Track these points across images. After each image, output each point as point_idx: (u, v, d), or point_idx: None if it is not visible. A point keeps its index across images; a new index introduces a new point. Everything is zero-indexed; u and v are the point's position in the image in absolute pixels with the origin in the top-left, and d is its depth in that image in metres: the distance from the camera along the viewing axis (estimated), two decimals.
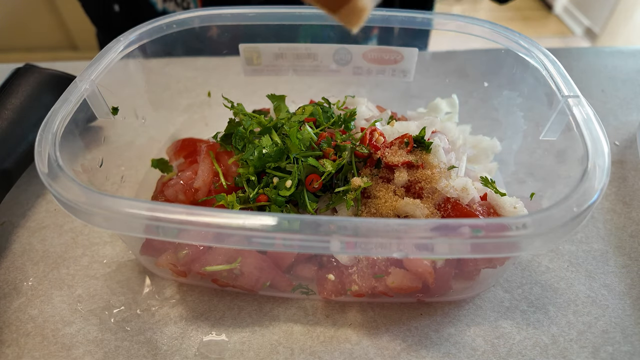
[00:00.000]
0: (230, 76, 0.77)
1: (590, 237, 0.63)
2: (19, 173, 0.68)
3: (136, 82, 0.69)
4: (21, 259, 0.62)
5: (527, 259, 0.61)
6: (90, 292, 0.58)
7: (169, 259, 0.53)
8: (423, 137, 0.55)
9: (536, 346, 0.52)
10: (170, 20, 0.66)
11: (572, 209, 0.38)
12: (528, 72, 0.60)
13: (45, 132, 0.47)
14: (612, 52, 1.01)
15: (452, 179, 0.52)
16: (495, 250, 0.39)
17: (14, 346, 0.52)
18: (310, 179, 0.51)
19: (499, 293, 0.57)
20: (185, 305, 0.57)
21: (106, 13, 1.15)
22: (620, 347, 0.51)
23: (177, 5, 1.10)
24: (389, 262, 0.51)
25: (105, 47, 0.60)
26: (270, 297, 0.57)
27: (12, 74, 0.72)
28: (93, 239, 0.64)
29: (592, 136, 0.45)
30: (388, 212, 0.50)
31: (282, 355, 0.52)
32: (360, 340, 0.53)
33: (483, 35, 0.64)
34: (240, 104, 0.63)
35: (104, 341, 0.53)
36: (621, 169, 0.73)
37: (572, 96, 0.51)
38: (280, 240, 0.39)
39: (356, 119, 0.62)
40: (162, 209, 0.40)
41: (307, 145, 0.54)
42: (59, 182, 0.42)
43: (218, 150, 0.59)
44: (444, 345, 0.52)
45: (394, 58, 0.70)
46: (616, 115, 0.84)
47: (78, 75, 0.55)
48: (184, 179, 0.57)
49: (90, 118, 0.57)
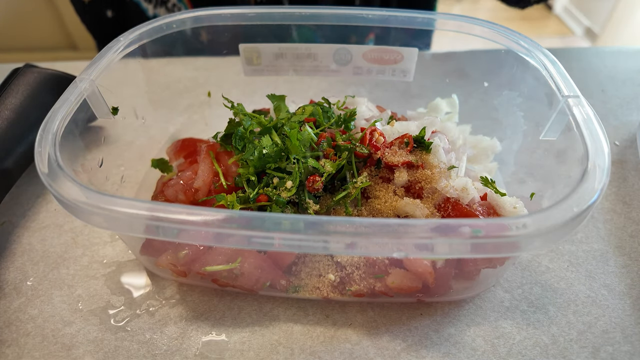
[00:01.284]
0: (230, 76, 0.77)
1: (590, 237, 0.63)
2: (19, 173, 0.68)
3: (136, 82, 0.69)
4: (21, 259, 0.62)
5: (527, 259, 0.61)
6: (90, 292, 0.58)
7: (169, 259, 0.53)
8: (423, 137, 0.55)
9: (536, 346, 0.52)
10: (170, 20, 0.66)
11: (572, 209, 0.38)
12: (528, 72, 0.60)
13: (45, 132, 0.47)
14: (612, 52, 1.01)
15: (452, 179, 0.52)
16: (495, 250, 0.39)
17: (14, 346, 0.52)
18: (311, 179, 0.51)
19: (499, 293, 0.57)
20: (185, 305, 0.57)
21: (100, 18, 1.15)
22: (620, 347, 0.51)
23: (168, 11, 1.11)
24: (389, 262, 0.51)
25: (105, 47, 0.60)
26: (270, 297, 0.57)
27: (12, 74, 0.72)
28: (93, 239, 0.64)
29: (592, 136, 0.45)
30: (388, 212, 0.50)
31: (282, 355, 0.52)
32: (360, 340, 0.53)
33: (483, 35, 0.64)
34: (240, 104, 0.63)
35: (104, 341, 0.53)
36: (621, 169, 0.73)
37: (572, 96, 0.51)
38: (280, 240, 0.39)
39: (356, 119, 0.62)
40: (162, 209, 0.40)
41: (307, 145, 0.54)
42: (59, 182, 0.42)
43: (218, 150, 0.59)
44: (444, 345, 0.52)
45: (394, 58, 0.70)
46: (616, 115, 0.84)
47: (78, 75, 0.55)
48: (184, 179, 0.57)
49: (90, 118, 0.57)
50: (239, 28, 0.69)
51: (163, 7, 1.10)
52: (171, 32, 0.66)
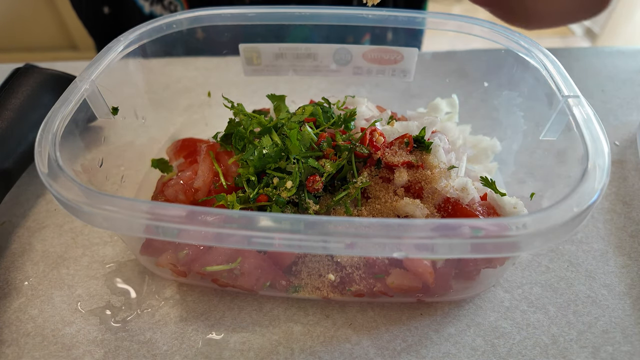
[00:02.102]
0: (230, 76, 0.77)
1: (590, 237, 0.63)
2: (19, 173, 0.68)
3: (136, 82, 0.69)
4: (21, 259, 0.62)
5: (527, 259, 0.61)
6: (90, 292, 0.58)
7: (169, 259, 0.53)
8: (423, 137, 0.55)
9: (536, 346, 0.52)
10: (170, 20, 0.66)
11: (572, 209, 0.38)
12: (528, 72, 0.60)
13: (45, 132, 0.47)
14: (612, 52, 1.01)
15: (452, 179, 0.52)
16: (495, 250, 0.39)
17: (14, 346, 0.52)
18: (311, 179, 0.51)
19: (499, 293, 0.57)
20: (185, 305, 0.57)
21: (96, 14, 1.15)
22: (620, 347, 0.51)
23: (164, 8, 1.11)
24: (389, 262, 0.51)
25: (105, 47, 0.60)
26: (270, 297, 0.57)
27: (12, 74, 0.72)
28: (93, 239, 0.64)
29: (592, 136, 0.45)
30: (388, 212, 0.50)
31: (282, 355, 0.52)
32: (360, 340, 0.53)
33: (483, 35, 0.64)
34: (240, 104, 0.63)
35: (104, 341, 0.53)
36: (621, 169, 0.73)
37: (572, 96, 0.51)
38: (280, 240, 0.39)
39: (356, 119, 0.62)
40: (162, 209, 0.40)
41: (307, 146, 0.54)
42: (59, 182, 0.42)
43: (218, 150, 0.59)
44: (444, 345, 0.52)
45: (394, 58, 0.70)
46: (616, 115, 0.84)
47: (78, 75, 0.55)
48: (184, 179, 0.57)
49: (90, 118, 0.57)
50: (239, 28, 0.69)
51: (159, 4, 1.10)
52: (171, 32, 0.66)
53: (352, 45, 0.70)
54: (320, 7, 0.67)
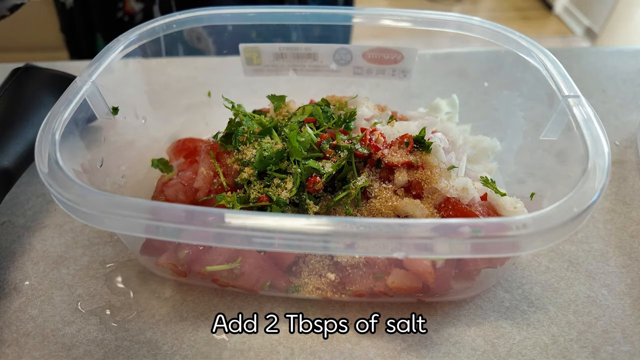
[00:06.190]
0: (230, 76, 0.77)
1: (590, 237, 0.63)
2: (19, 173, 0.68)
3: (136, 82, 0.69)
4: (21, 259, 0.62)
5: (527, 259, 0.61)
6: (90, 292, 0.58)
7: (169, 259, 0.53)
8: (423, 137, 0.55)
9: (536, 346, 0.52)
10: (170, 20, 0.66)
11: (572, 209, 0.38)
12: (528, 72, 0.60)
13: (45, 132, 0.47)
14: (612, 52, 1.01)
15: (452, 179, 0.52)
16: (495, 250, 0.39)
17: (14, 346, 0.52)
18: (311, 181, 0.51)
19: (499, 293, 0.57)
20: (185, 305, 0.57)
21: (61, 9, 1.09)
22: (620, 347, 0.51)
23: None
24: (389, 262, 0.51)
25: (105, 47, 0.60)
26: (270, 297, 0.57)
27: (12, 74, 0.72)
28: (93, 239, 0.64)
29: (592, 136, 0.45)
30: (388, 212, 0.50)
31: (282, 355, 0.52)
32: (360, 340, 0.53)
33: (483, 35, 0.64)
34: (240, 104, 0.63)
35: (104, 341, 0.53)
36: (621, 169, 0.73)
37: (572, 96, 0.51)
38: (280, 240, 0.39)
39: (356, 119, 0.62)
40: (162, 209, 0.40)
41: (307, 147, 0.54)
42: (59, 182, 0.42)
43: (218, 150, 0.59)
44: (444, 345, 0.52)
45: (394, 58, 0.70)
46: (616, 115, 0.84)
47: (78, 75, 0.55)
48: (184, 179, 0.57)
49: (90, 118, 0.57)
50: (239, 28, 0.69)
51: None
52: (171, 32, 0.66)
53: (352, 45, 0.70)
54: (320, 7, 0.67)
